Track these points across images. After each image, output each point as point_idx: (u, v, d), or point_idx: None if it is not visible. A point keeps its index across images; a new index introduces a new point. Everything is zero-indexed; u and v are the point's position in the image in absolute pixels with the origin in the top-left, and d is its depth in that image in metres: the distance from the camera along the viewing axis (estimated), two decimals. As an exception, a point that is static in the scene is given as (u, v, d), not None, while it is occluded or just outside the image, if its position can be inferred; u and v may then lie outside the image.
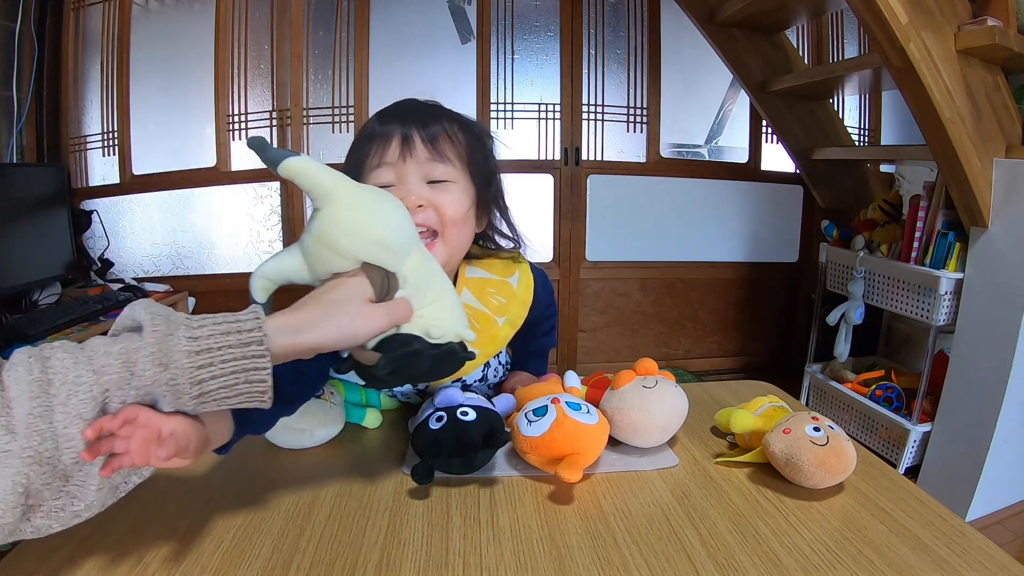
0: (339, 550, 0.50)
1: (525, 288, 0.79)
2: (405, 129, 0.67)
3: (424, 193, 0.67)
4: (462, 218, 0.70)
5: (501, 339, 0.76)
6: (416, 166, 0.67)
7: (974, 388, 1.52)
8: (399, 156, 0.67)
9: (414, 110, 0.71)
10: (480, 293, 0.76)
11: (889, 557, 0.49)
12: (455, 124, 0.71)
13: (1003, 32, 1.32)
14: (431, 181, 0.68)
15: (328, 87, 2.34)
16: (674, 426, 0.67)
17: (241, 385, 0.42)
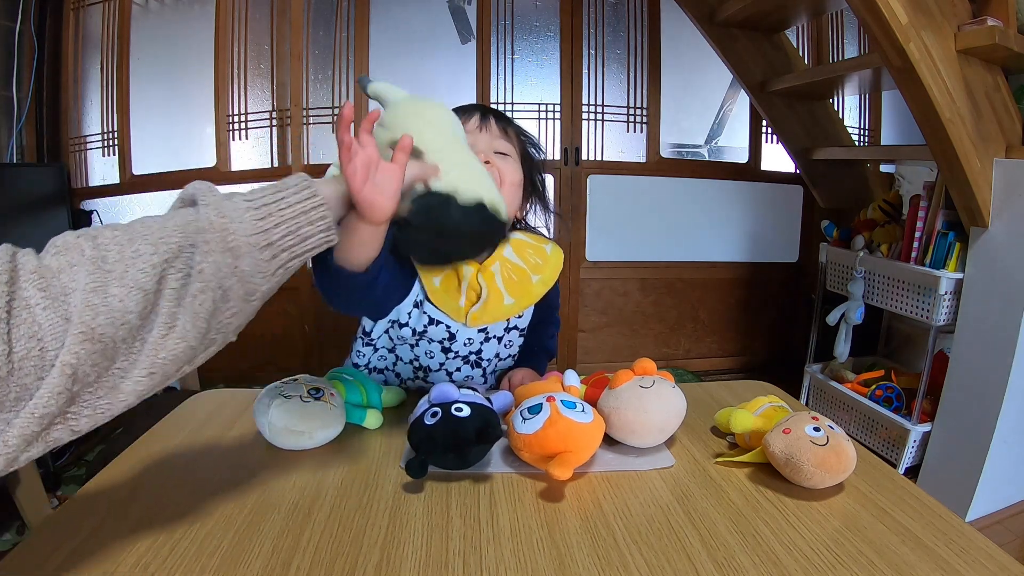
0: (339, 550, 0.50)
1: (556, 256, 0.90)
2: (484, 111, 0.85)
3: (491, 157, 0.82)
4: (517, 184, 0.84)
5: (534, 294, 0.85)
6: (488, 137, 0.83)
7: (974, 388, 1.52)
8: (477, 127, 0.83)
9: (488, 107, 0.88)
10: (520, 251, 0.87)
11: (889, 557, 0.49)
12: (511, 128, 0.88)
13: (1003, 32, 1.32)
14: (497, 152, 0.83)
15: (328, 87, 2.34)
16: (671, 426, 0.67)
17: (304, 228, 0.46)
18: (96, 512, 0.54)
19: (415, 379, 0.88)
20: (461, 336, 0.84)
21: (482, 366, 0.88)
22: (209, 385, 2.39)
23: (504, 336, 0.88)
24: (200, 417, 0.76)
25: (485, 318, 0.82)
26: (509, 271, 0.84)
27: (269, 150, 2.35)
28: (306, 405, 0.65)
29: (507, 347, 0.91)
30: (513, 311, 0.84)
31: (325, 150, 2.36)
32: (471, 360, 0.87)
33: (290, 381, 0.69)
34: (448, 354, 0.85)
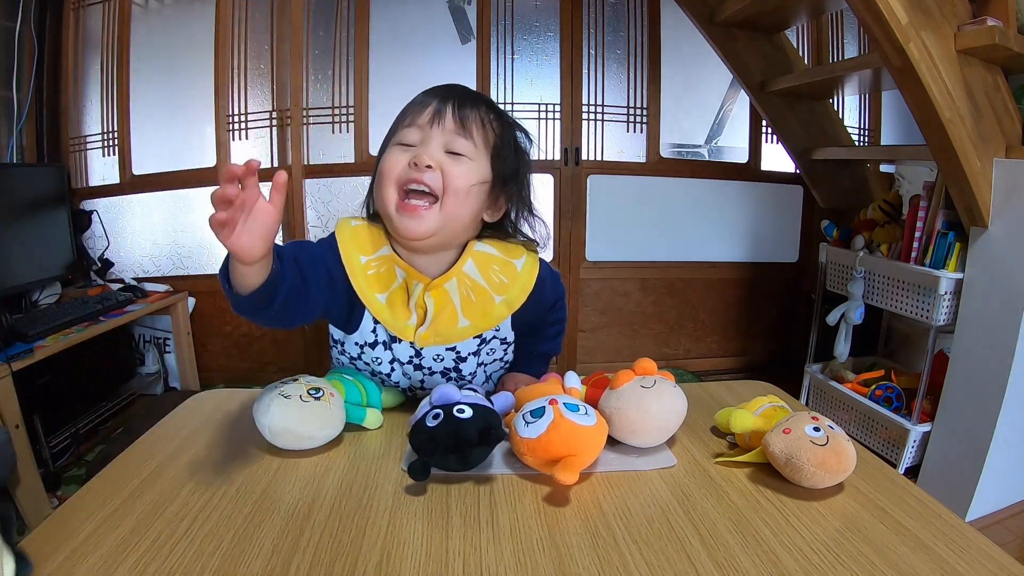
0: (339, 550, 0.50)
1: (528, 273, 0.80)
2: (441, 103, 0.74)
3: (438, 157, 0.72)
4: (465, 192, 0.73)
5: (495, 316, 0.78)
6: (440, 134, 0.73)
7: (974, 388, 1.52)
8: (428, 121, 0.73)
9: (458, 90, 0.76)
10: (483, 267, 0.78)
11: (889, 557, 0.49)
12: (492, 114, 0.76)
13: (1003, 32, 1.32)
14: (450, 151, 0.73)
15: (328, 87, 2.34)
16: (672, 426, 0.67)
17: None
18: (96, 512, 0.54)
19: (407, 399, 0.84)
20: (428, 353, 0.79)
21: (465, 379, 0.83)
22: (209, 385, 2.40)
23: (481, 349, 0.81)
24: (200, 417, 0.76)
25: (436, 339, 0.76)
26: (468, 289, 0.76)
27: (269, 150, 2.35)
28: (306, 405, 0.65)
29: (490, 355, 0.84)
30: (468, 333, 0.77)
31: (325, 150, 2.36)
32: (451, 377, 0.82)
33: (290, 381, 0.68)
34: (422, 371, 0.80)
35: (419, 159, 0.71)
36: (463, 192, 0.72)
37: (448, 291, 0.76)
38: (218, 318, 2.40)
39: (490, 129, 0.75)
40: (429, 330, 0.76)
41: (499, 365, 0.88)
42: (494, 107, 0.78)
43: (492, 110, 0.77)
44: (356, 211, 0.88)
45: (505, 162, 0.76)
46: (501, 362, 0.88)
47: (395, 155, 0.73)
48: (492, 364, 0.86)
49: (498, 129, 0.76)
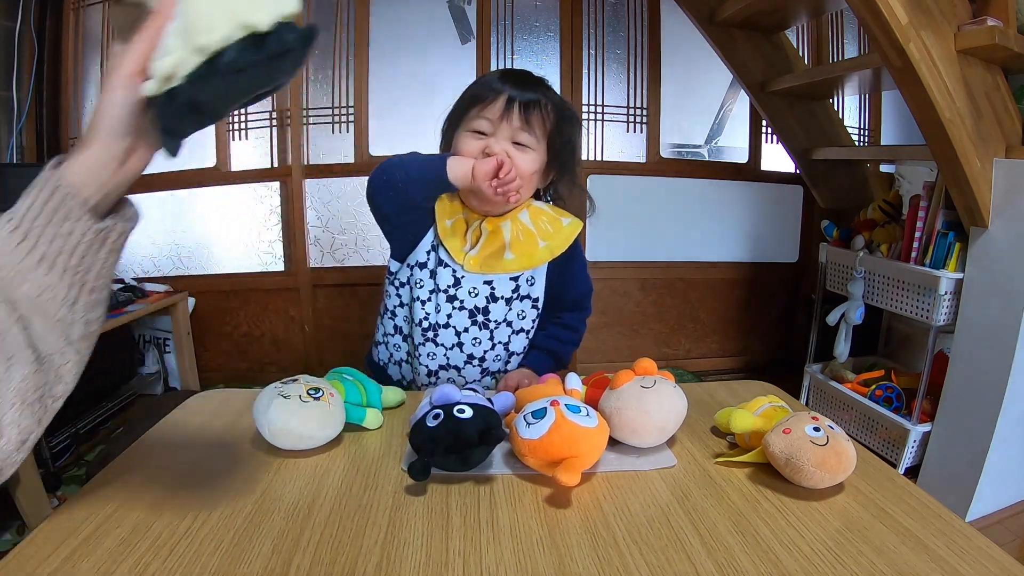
0: (339, 550, 0.50)
1: (571, 229, 0.93)
2: (511, 95, 0.84)
3: (506, 147, 0.85)
4: (528, 176, 0.87)
5: (537, 258, 0.90)
6: (508, 128, 0.85)
7: (974, 388, 1.52)
8: (499, 116, 0.84)
9: (524, 82, 0.87)
10: (535, 217, 0.92)
11: (889, 557, 0.49)
12: (550, 105, 0.88)
13: (1003, 32, 1.32)
14: (515, 142, 0.85)
15: (328, 87, 2.34)
16: (672, 426, 0.67)
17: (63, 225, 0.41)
18: (96, 512, 0.54)
19: (424, 343, 0.91)
20: (466, 283, 0.89)
21: (490, 328, 0.91)
22: (209, 385, 2.40)
23: (513, 300, 0.92)
24: (200, 417, 0.76)
25: (483, 267, 0.88)
26: (519, 231, 0.90)
27: (269, 150, 2.35)
28: (305, 405, 0.65)
29: (520, 318, 0.93)
30: (511, 267, 0.89)
31: (325, 150, 2.36)
32: (478, 320, 0.91)
33: (290, 381, 0.68)
34: (454, 303, 0.89)
35: (491, 150, 0.84)
36: (527, 176, 0.86)
37: (502, 228, 0.89)
38: (218, 318, 2.40)
39: (548, 121, 0.87)
40: (478, 255, 0.88)
41: (524, 340, 0.96)
42: (555, 97, 0.89)
43: (551, 101, 0.88)
44: (358, 210, 0.96)
45: (555, 150, 0.90)
46: (526, 335, 0.96)
47: (469, 142, 0.86)
48: (519, 334, 0.94)
49: (553, 120, 0.88)
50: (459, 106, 0.90)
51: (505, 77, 0.87)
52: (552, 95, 0.89)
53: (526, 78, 0.89)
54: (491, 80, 0.88)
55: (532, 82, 0.89)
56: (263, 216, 2.39)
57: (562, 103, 0.91)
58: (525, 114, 0.85)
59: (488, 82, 0.88)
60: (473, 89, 0.90)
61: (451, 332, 0.91)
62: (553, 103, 0.88)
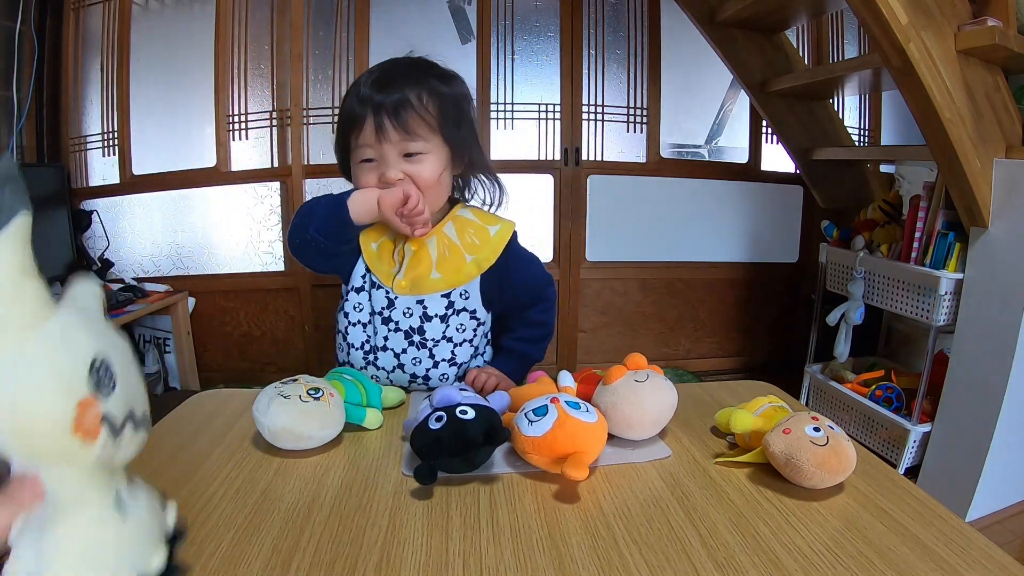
0: (339, 550, 0.50)
1: (499, 238, 0.88)
2: (377, 116, 0.78)
3: (400, 167, 0.80)
4: (436, 181, 0.83)
5: (465, 274, 0.87)
6: (391, 146, 0.79)
7: (974, 388, 1.52)
8: (375, 139, 0.79)
9: (387, 82, 0.80)
10: (461, 230, 0.88)
11: (889, 557, 0.49)
12: (426, 94, 0.81)
13: (1003, 32, 1.32)
14: (406, 155, 0.80)
15: (328, 87, 2.34)
16: (665, 418, 0.68)
17: None
18: (96, 512, 0.54)
19: (366, 367, 0.90)
20: (400, 304, 0.86)
21: (428, 347, 0.87)
22: (209, 385, 2.40)
23: (449, 316, 0.87)
24: (200, 417, 0.76)
25: (412, 288, 0.85)
26: (445, 247, 0.86)
27: (269, 150, 2.35)
28: (305, 405, 0.65)
29: (460, 331, 0.89)
30: (440, 286, 0.86)
31: (325, 150, 2.36)
32: (415, 340, 0.87)
33: (289, 381, 0.68)
34: (389, 325, 0.87)
35: (386, 178, 0.80)
36: (433, 183, 0.82)
37: (427, 245, 0.86)
38: (218, 318, 2.40)
39: (430, 116, 0.81)
40: (405, 277, 0.85)
41: (469, 349, 0.91)
42: (427, 84, 0.82)
43: (425, 89, 0.81)
44: None
45: (454, 137, 0.84)
46: (471, 344, 0.91)
47: (362, 172, 0.82)
48: (462, 346, 0.89)
49: (437, 111, 0.82)
50: (338, 133, 0.86)
51: (368, 86, 0.80)
52: (419, 78, 0.82)
53: (388, 77, 0.81)
54: (353, 98, 0.81)
55: (395, 76, 0.81)
56: (263, 216, 2.39)
57: (435, 81, 0.83)
58: (400, 123, 0.78)
59: (351, 103, 0.81)
60: (342, 113, 0.84)
61: (390, 354, 0.88)
62: (426, 89, 0.81)
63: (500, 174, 0.96)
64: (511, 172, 2.37)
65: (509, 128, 2.41)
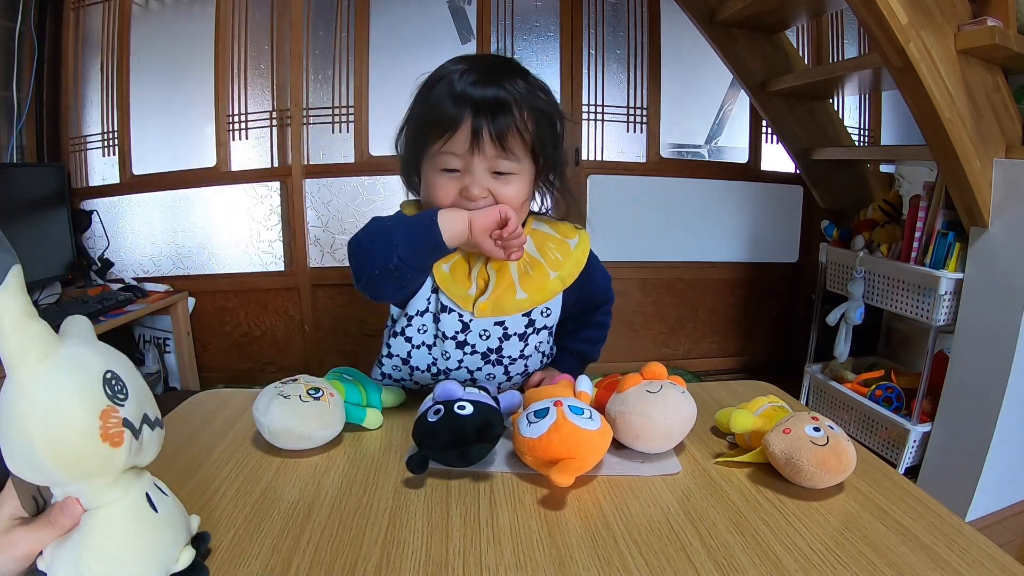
0: (339, 550, 0.50)
1: (581, 252, 0.83)
2: (476, 121, 0.68)
3: (486, 183, 0.71)
4: (518, 205, 0.75)
5: (550, 291, 0.80)
6: (483, 160, 0.70)
7: (974, 388, 1.52)
8: (467, 149, 0.69)
9: (485, 89, 0.69)
10: (541, 245, 0.81)
11: (889, 557, 0.49)
12: (527, 110, 0.72)
13: (1003, 32, 1.32)
14: (496, 172, 0.72)
15: (328, 87, 2.34)
16: (678, 433, 0.65)
17: None
18: (96, 512, 0.54)
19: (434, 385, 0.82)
20: (476, 327, 0.79)
21: (504, 364, 0.83)
22: (209, 385, 2.40)
23: (528, 335, 0.82)
24: (200, 417, 0.76)
25: (494, 310, 0.77)
26: (526, 265, 0.79)
27: (269, 150, 2.35)
28: (305, 405, 0.65)
29: (538, 349, 0.85)
30: (524, 306, 0.79)
31: (325, 150, 2.36)
32: (491, 359, 0.82)
33: (290, 381, 0.68)
34: (464, 348, 0.80)
35: (469, 193, 0.71)
36: (517, 206, 0.74)
37: (508, 265, 0.78)
38: (218, 318, 2.40)
39: (527, 134, 0.72)
40: (489, 300, 0.77)
41: (542, 360, 0.89)
42: (528, 98, 0.72)
43: (527, 103, 0.72)
44: (358, 210, 0.89)
45: (545, 160, 0.77)
46: (545, 356, 0.89)
47: (441, 182, 0.72)
48: (533, 357, 0.86)
49: (534, 129, 0.73)
50: (415, 130, 0.75)
51: (464, 82, 0.69)
52: (519, 88, 0.72)
53: (487, 77, 0.71)
54: (445, 97, 0.70)
55: (495, 77, 0.71)
56: (263, 216, 2.39)
57: (536, 93, 0.74)
58: (498, 135, 0.69)
59: (441, 102, 0.70)
60: (426, 111, 0.73)
61: (463, 372, 0.82)
62: (527, 104, 0.72)
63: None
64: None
65: (509, 128, 2.40)
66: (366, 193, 2.39)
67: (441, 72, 0.74)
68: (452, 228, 0.68)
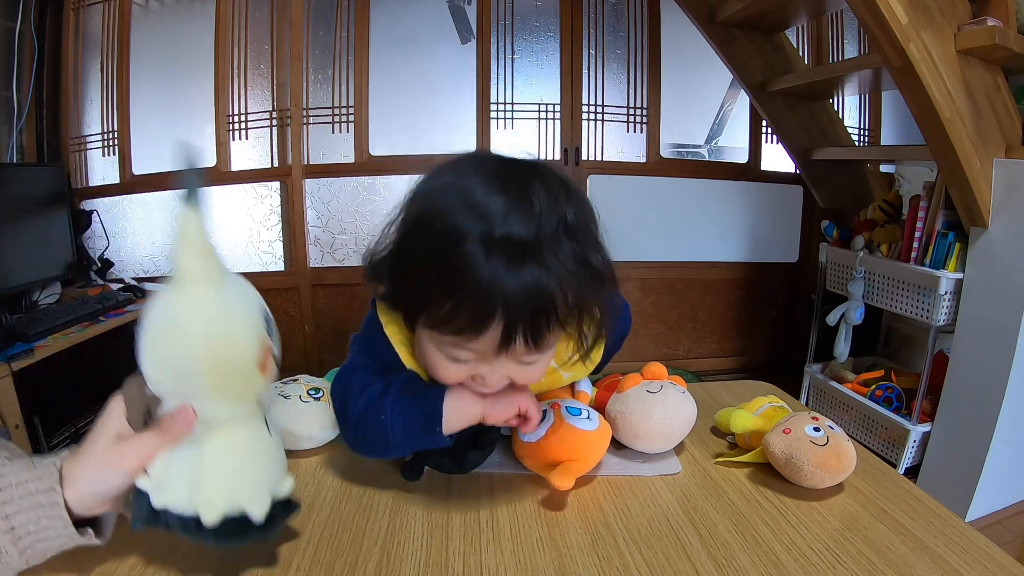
0: (339, 550, 0.50)
1: (597, 352, 0.64)
2: (510, 325, 0.48)
3: (509, 372, 0.54)
4: (538, 380, 0.58)
5: (560, 384, 0.68)
6: (510, 359, 0.52)
7: (974, 388, 1.52)
8: (493, 351, 0.50)
9: (524, 281, 0.47)
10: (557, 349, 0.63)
11: (889, 557, 0.49)
12: (573, 289, 0.50)
13: (1003, 32, 1.32)
14: (522, 362, 0.54)
15: (328, 87, 2.34)
16: (678, 433, 0.65)
17: (44, 520, 0.41)
18: (96, 512, 0.54)
19: None
20: None
21: None
22: (209, 385, 2.39)
23: None
24: (200, 417, 0.76)
25: None
26: None
27: (269, 150, 2.35)
28: (305, 405, 0.65)
29: None
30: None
31: (325, 150, 2.36)
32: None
33: (290, 381, 0.68)
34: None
35: (484, 382, 0.54)
36: (536, 381, 0.58)
37: None
38: (218, 318, 2.40)
39: (568, 312, 0.51)
40: None
41: None
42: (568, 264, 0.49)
43: (569, 279, 0.49)
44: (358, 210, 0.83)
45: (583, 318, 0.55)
46: None
47: (449, 368, 0.53)
48: None
49: (574, 297, 0.50)
50: (417, 284, 0.51)
51: (493, 270, 0.46)
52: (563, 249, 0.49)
53: (524, 248, 0.47)
54: (466, 284, 0.46)
55: (531, 247, 0.47)
56: (263, 216, 2.39)
57: (582, 252, 0.52)
58: (535, 340, 0.49)
59: (459, 290, 0.47)
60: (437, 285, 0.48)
61: None
62: (574, 274, 0.49)
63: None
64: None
65: (509, 128, 2.41)
66: (366, 193, 2.39)
67: (453, 223, 0.48)
68: (459, 422, 0.55)
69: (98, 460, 0.42)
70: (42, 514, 0.40)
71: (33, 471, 0.41)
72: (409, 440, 0.56)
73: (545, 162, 0.58)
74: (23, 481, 0.40)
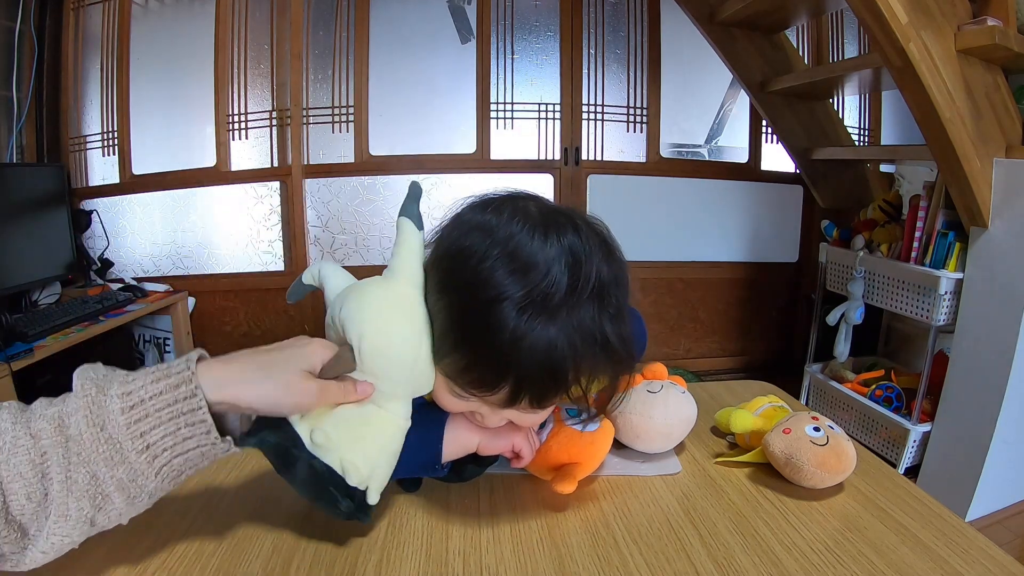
0: (339, 550, 0.50)
1: None
2: (518, 387, 0.47)
3: (508, 417, 0.53)
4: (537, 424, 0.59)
5: None
6: (513, 412, 0.52)
7: (974, 388, 1.52)
8: (499, 404, 0.50)
9: (537, 363, 0.46)
10: None
11: (889, 557, 0.49)
12: (586, 375, 0.50)
13: (1003, 32, 1.32)
14: None
15: (328, 87, 2.34)
16: (678, 433, 0.65)
17: (183, 429, 0.40)
18: (96, 512, 0.54)
19: None
20: None
21: None
22: (209, 385, 2.39)
23: None
24: (200, 417, 0.76)
25: None
26: None
27: (269, 150, 2.35)
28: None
29: None
30: None
31: (325, 150, 2.36)
32: None
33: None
34: None
35: (484, 421, 0.53)
36: (535, 425, 0.59)
37: None
38: (218, 318, 2.40)
39: (576, 383, 0.50)
40: None
41: None
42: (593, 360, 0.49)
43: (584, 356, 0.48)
44: (358, 210, 0.82)
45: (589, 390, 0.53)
46: None
47: (452, 401, 0.52)
48: None
49: (588, 372, 0.50)
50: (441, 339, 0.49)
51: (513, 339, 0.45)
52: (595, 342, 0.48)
53: (542, 322, 0.46)
54: (495, 355, 0.46)
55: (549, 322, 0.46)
56: (263, 216, 2.39)
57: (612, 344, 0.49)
58: (540, 403, 0.50)
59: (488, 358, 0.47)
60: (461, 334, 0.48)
61: None
62: (598, 368, 0.50)
63: (499, 174, 0.79)
64: (511, 172, 2.37)
65: (509, 128, 2.40)
66: (366, 193, 2.39)
67: (485, 279, 0.46)
68: (456, 453, 0.55)
69: (281, 384, 0.45)
70: (182, 422, 0.40)
71: (167, 379, 0.41)
72: (408, 471, 0.55)
73: (585, 216, 0.59)
74: (158, 393, 0.40)
